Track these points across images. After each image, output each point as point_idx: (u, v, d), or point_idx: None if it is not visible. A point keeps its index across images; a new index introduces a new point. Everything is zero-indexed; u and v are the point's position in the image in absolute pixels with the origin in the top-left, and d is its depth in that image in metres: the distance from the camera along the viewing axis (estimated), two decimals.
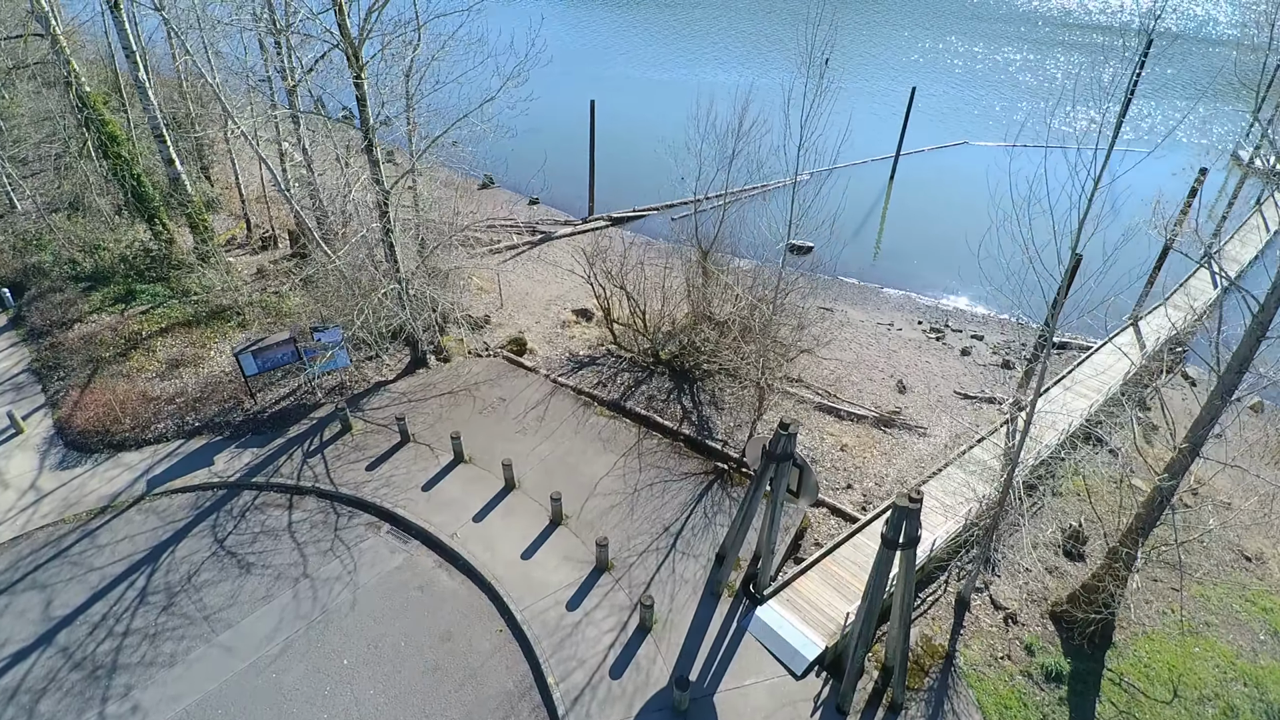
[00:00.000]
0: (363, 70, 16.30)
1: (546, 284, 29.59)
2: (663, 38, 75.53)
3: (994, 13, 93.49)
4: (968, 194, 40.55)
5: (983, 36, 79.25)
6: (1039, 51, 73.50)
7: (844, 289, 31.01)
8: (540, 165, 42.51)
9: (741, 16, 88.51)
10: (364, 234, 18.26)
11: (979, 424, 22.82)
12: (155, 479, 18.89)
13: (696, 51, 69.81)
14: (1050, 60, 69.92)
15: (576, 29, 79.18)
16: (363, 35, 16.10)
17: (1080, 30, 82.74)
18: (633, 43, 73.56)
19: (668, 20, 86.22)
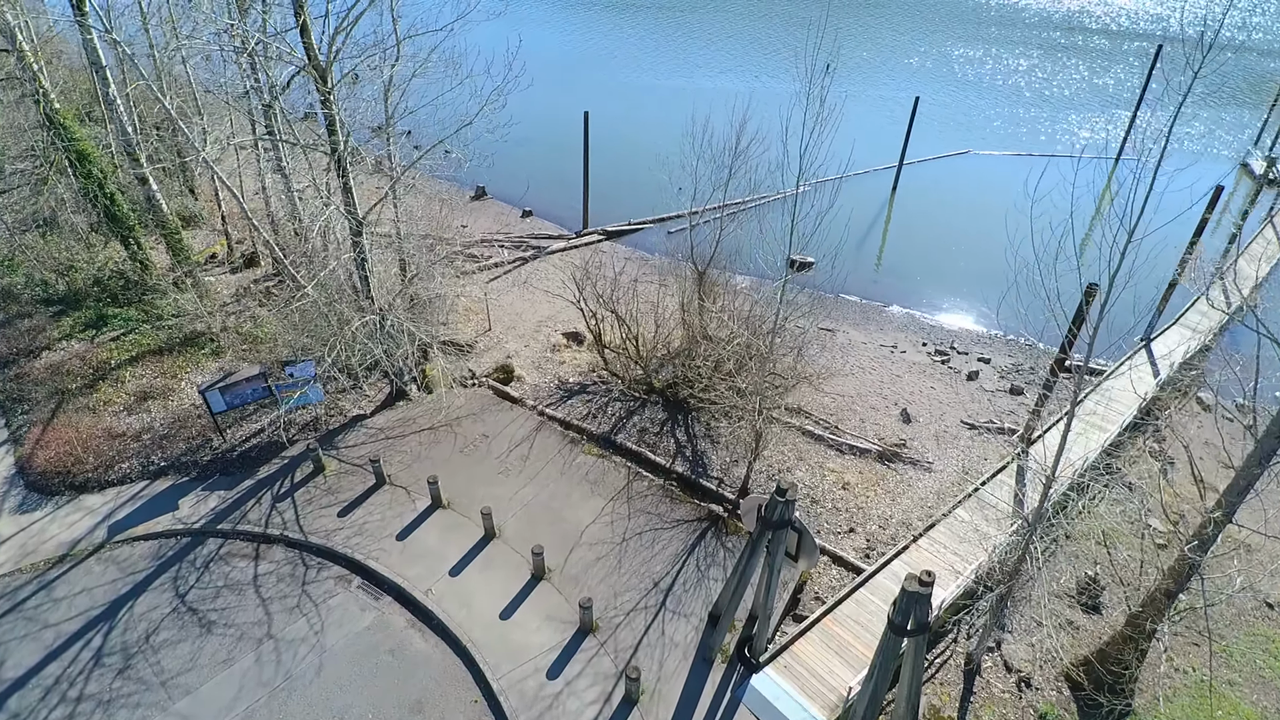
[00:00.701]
0: (331, 93, 15.24)
1: (537, 303, 28.52)
2: (660, 43, 74.42)
3: (995, 18, 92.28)
4: (971, 206, 39.51)
5: (983, 41, 78.07)
6: (1042, 57, 72.31)
7: (845, 308, 29.93)
8: (533, 176, 41.55)
9: (740, 21, 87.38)
10: (333, 266, 17.16)
11: (987, 456, 21.75)
12: (117, 524, 17.86)
13: (694, 57, 68.68)
14: (1054, 67, 68.76)
15: (572, 34, 78.14)
16: (330, 57, 15.04)
17: (1084, 34, 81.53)
18: (630, 48, 72.45)
19: (665, 26, 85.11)
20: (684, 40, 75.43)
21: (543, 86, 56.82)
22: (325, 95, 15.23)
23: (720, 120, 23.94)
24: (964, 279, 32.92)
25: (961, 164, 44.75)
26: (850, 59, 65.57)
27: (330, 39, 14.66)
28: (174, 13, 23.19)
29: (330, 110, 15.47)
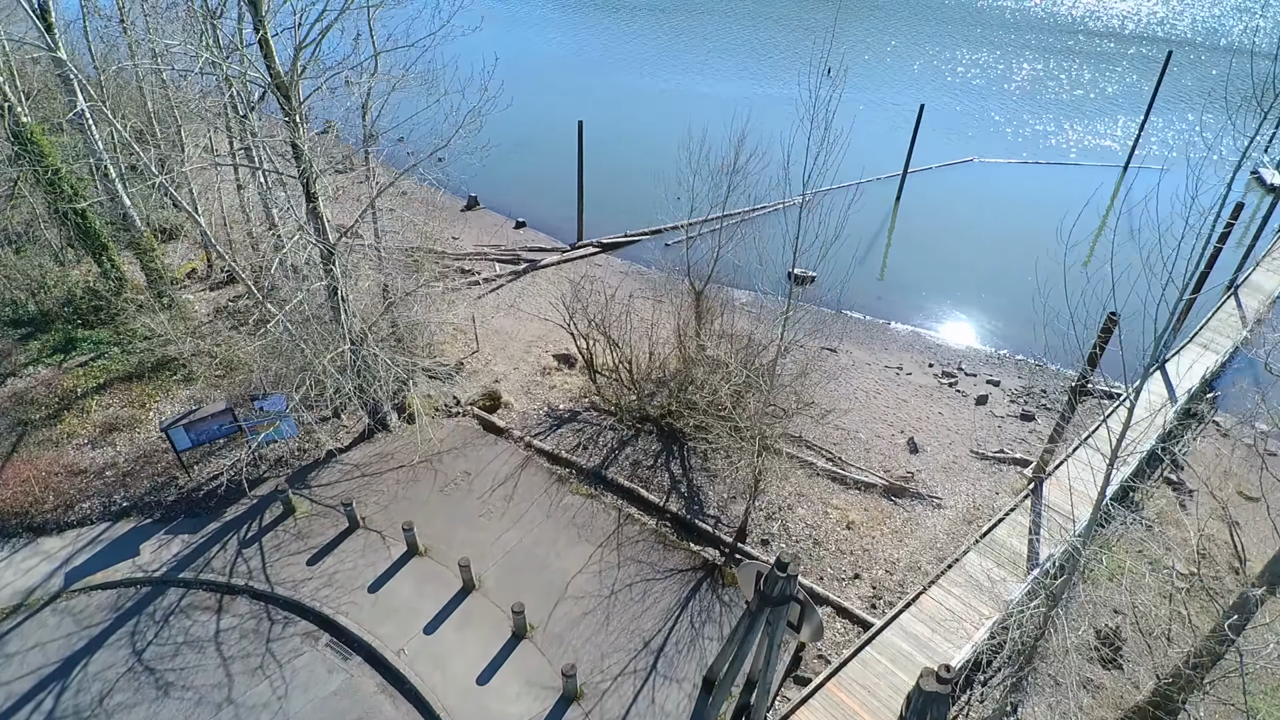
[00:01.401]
0: (295, 113, 14.11)
1: (528, 322, 27.39)
2: (658, 47, 73.25)
3: (997, 20, 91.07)
4: (976, 216, 38.34)
5: (985, 45, 76.90)
6: (1046, 62, 71.15)
7: (848, 325, 28.78)
8: (527, 185, 40.43)
9: (740, 25, 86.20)
10: (300, 299, 16.05)
11: (998, 490, 20.65)
12: (75, 571, 16.77)
13: (693, 61, 67.52)
14: (1058, 72, 67.57)
15: (569, 37, 76.95)
16: (295, 74, 13.91)
17: (1089, 37, 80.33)
18: (627, 52, 71.28)
19: (663, 29, 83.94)
20: (683, 44, 74.29)
21: (538, 91, 55.71)
22: (290, 115, 14.11)
23: (718, 132, 22.93)
24: (970, 294, 31.81)
25: (965, 172, 43.60)
26: (852, 63, 64.41)
27: (294, 56, 13.55)
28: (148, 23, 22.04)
29: (296, 131, 14.35)
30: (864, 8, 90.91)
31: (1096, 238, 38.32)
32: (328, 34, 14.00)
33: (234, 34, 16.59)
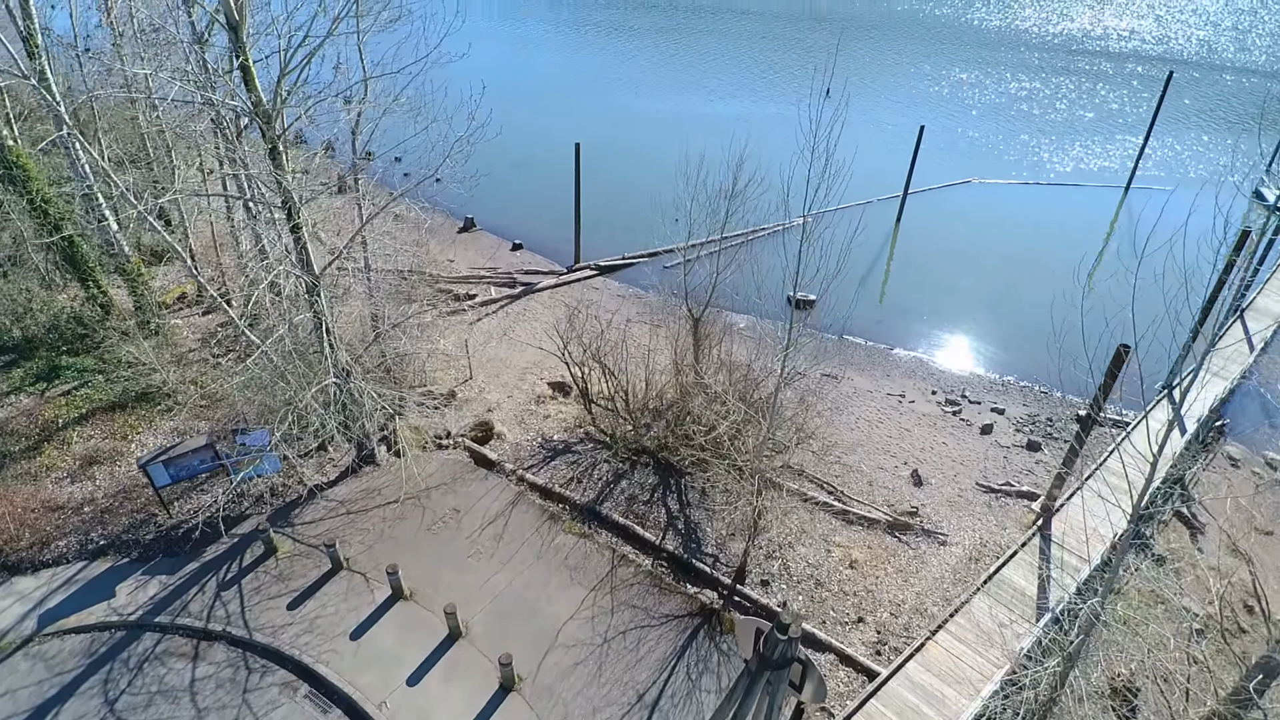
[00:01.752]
0: (279, 142, 13.65)
1: (523, 348, 26.86)
2: (657, 66, 73.26)
3: (996, 41, 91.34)
4: (976, 238, 37.92)
5: (983, 64, 76.99)
6: (1044, 82, 71.13)
7: (849, 351, 28.25)
8: (525, 206, 40.07)
9: (739, 45, 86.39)
10: (281, 334, 15.51)
11: (1005, 525, 20.02)
12: (48, 614, 16.12)
13: (692, 81, 67.47)
14: (1056, 91, 67.51)
15: (567, 57, 77.10)
16: (278, 101, 13.46)
17: (1087, 58, 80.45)
18: (626, 71, 71.31)
19: (662, 49, 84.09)
20: (681, 64, 74.33)
21: (536, 112, 55.56)
22: (272, 144, 13.65)
23: (716, 154, 22.61)
24: (972, 318, 31.32)
25: (965, 193, 43.27)
26: (851, 84, 64.36)
27: (276, 83, 13.11)
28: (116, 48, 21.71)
29: (278, 160, 13.88)
30: (862, 29, 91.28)
31: (1098, 261, 37.96)
32: (312, 59, 13.56)
33: (218, 59, 16.22)
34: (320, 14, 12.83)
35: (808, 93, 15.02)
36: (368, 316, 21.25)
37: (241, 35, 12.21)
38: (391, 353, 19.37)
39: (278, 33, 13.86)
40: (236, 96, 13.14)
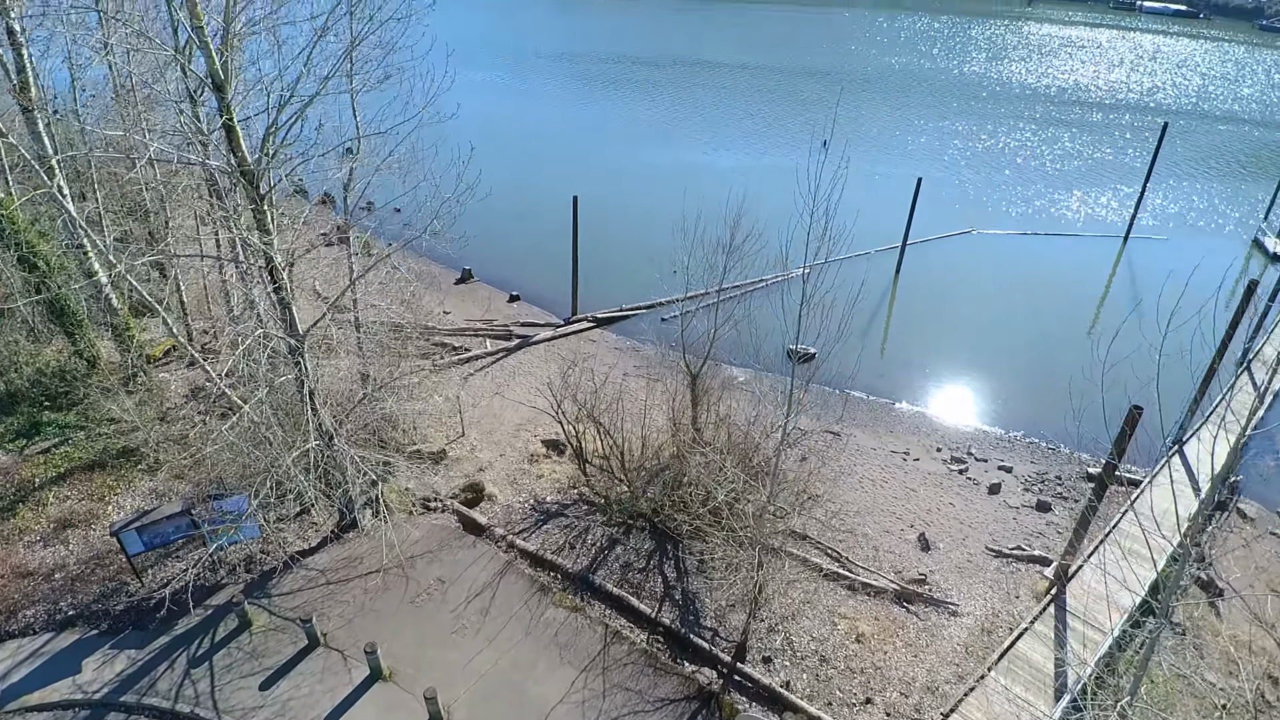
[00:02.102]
0: (262, 202, 13.29)
1: (517, 404, 26.24)
2: (655, 118, 74.24)
3: (990, 94, 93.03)
4: (976, 289, 37.64)
5: (978, 116, 78.14)
6: (1038, 132, 72.03)
7: (851, 406, 27.58)
8: (523, 257, 39.91)
9: (738, 98, 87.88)
10: (261, 395, 14.95)
11: (1018, 594, 19.15)
12: (11, 690, 15.21)
13: (691, 133, 68.27)
14: (1051, 142, 68.27)
15: (566, 109, 78.19)
16: (265, 161, 13.14)
17: (1083, 109, 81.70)
18: (625, 123, 72.23)
19: (660, 101, 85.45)
20: (680, 116, 75.35)
21: (535, 162, 55.96)
22: (257, 203, 13.29)
23: (714, 207, 22.41)
24: (975, 371, 30.80)
25: (965, 244, 43.19)
26: (848, 136, 65.05)
27: (262, 142, 12.80)
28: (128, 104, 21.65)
29: (265, 227, 13.51)
30: (858, 82, 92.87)
31: (1099, 311, 37.62)
32: (300, 118, 13.28)
33: (208, 118, 16.00)
34: (305, 75, 12.57)
35: (805, 145, 14.79)
36: (356, 373, 20.71)
37: (227, 95, 11.93)
38: (380, 414, 18.79)
39: (266, 90, 13.63)
40: (221, 156, 12.80)
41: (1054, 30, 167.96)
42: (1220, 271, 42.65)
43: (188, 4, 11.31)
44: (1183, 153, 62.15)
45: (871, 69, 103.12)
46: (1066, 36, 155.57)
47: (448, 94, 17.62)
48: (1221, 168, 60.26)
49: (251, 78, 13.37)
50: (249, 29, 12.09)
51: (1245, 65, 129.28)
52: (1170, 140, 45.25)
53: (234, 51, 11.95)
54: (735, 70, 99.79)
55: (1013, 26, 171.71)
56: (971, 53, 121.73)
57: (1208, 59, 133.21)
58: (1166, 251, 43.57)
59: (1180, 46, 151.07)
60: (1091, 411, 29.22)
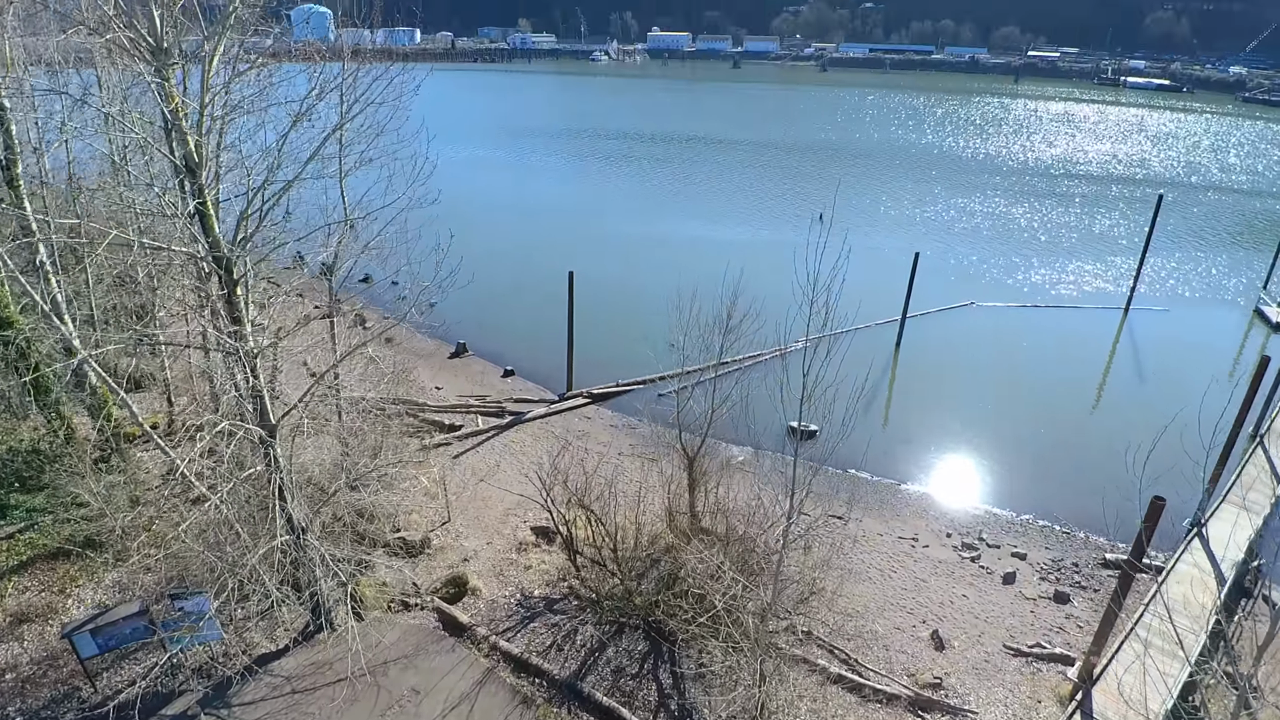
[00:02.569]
0: (236, 288, 12.69)
1: (508, 486, 25.20)
2: (653, 192, 75.28)
3: (982, 166, 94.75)
4: (979, 362, 37.03)
5: (974, 189, 79.30)
6: (1033, 204, 72.90)
7: (856, 487, 26.42)
8: (518, 329, 39.48)
9: (734, 173, 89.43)
10: (222, 495, 14.04)
11: (1040, 698, 17.76)
12: None
13: (688, 207, 69.06)
14: (1046, 213, 68.98)
15: (564, 183, 79.51)
16: (237, 247, 12.59)
17: (1073, 180, 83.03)
18: (622, 197, 73.23)
19: (659, 176, 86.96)
20: (677, 190, 76.42)
21: (533, 234, 56.33)
22: (230, 292, 12.69)
23: (711, 281, 22.08)
24: (982, 449, 29.84)
25: (965, 317, 42.80)
26: (845, 208, 65.79)
27: (235, 229, 12.29)
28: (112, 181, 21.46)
29: (235, 308, 12.89)
30: (853, 155, 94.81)
31: (1104, 381, 36.91)
32: (280, 200, 12.82)
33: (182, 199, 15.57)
34: (278, 164, 12.16)
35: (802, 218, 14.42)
36: (338, 457, 19.80)
37: (199, 176, 11.48)
38: (358, 504, 17.80)
39: (247, 170, 13.22)
40: (195, 242, 12.28)
41: (1042, 106, 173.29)
42: (1223, 342, 42.27)
43: (165, 87, 10.95)
44: (1177, 223, 62.61)
45: (866, 144, 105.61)
46: (1055, 111, 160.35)
47: (438, 173, 17.38)
48: (1216, 237, 60.59)
49: (231, 159, 12.97)
50: (227, 113, 11.71)
51: (1230, 136, 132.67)
52: (1164, 211, 45.42)
53: (210, 135, 11.53)
54: (730, 146, 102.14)
55: (1003, 103, 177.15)
56: (964, 128, 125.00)
57: (1195, 130, 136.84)
58: (1168, 323, 43.18)
59: (1166, 119, 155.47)
60: (1103, 488, 28.03)
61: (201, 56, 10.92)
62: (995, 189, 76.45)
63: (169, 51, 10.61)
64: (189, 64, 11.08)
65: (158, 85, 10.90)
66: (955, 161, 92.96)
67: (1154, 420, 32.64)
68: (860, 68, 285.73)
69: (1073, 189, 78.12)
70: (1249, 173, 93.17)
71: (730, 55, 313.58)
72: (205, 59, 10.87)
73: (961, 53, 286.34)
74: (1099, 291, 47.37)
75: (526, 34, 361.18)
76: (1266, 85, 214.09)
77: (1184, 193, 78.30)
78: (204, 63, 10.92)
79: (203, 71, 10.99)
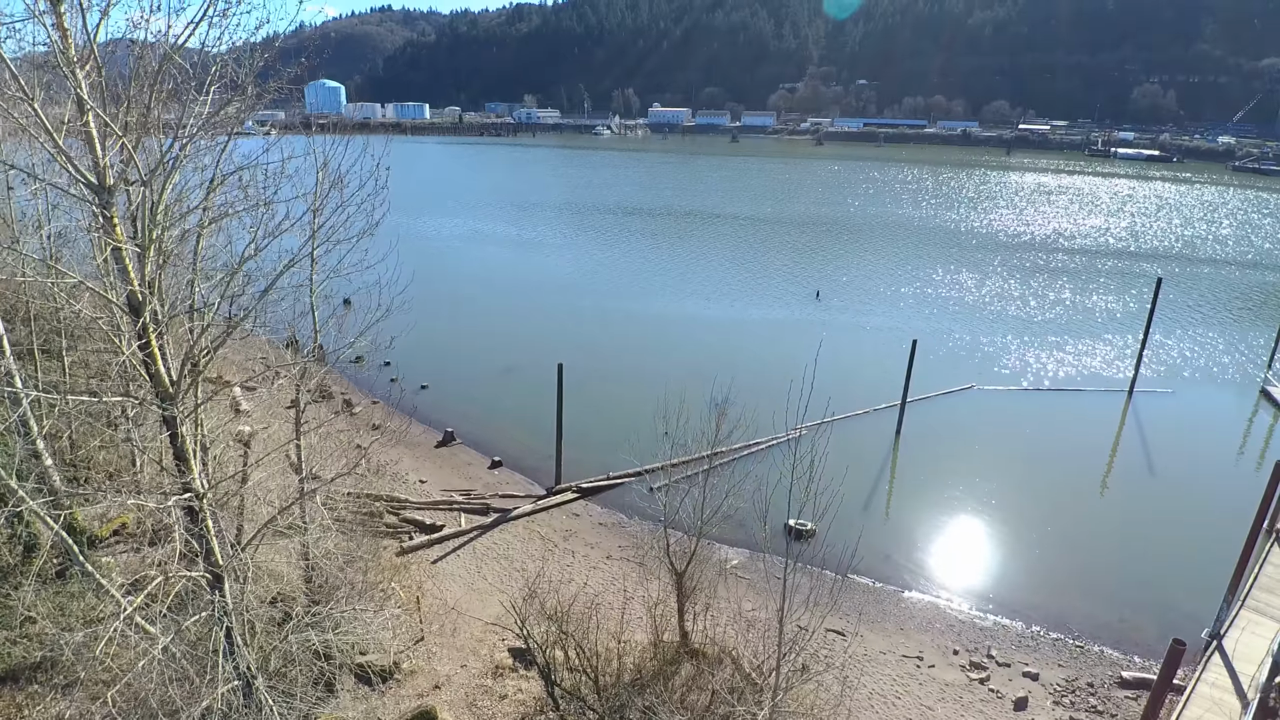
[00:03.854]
0: (180, 428, 11.91)
1: (488, 594, 23.94)
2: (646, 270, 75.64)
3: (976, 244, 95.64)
4: (982, 451, 35.99)
5: (967, 266, 79.70)
6: (1028, 283, 72.99)
7: (855, 594, 25.13)
8: (506, 417, 38.65)
9: (728, 248, 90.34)
10: (163, 647, 12.97)
11: None
12: None
13: (682, 284, 69.19)
14: (1046, 292, 68.93)
15: (556, 261, 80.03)
16: (184, 378, 11.87)
17: (1067, 255, 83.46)
18: (614, 274, 73.51)
19: (653, 252, 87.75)
20: (671, 266, 76.81)
21: (525, 312, 56.07)
22: (174, 430, 11.91)
23: (705, 362, 21.39)
24: (987, 550, 28.57)
25: (966, 401, 41.94)
26: (841, 286, 65.80)
27: (179, 371, 11.57)
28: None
29: (183, 455, 12.10)
30: (848, 229, 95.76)
31: (1108, 471, 35.71)
32: (226, 338, 12.18)
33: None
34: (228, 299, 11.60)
35: (799, 295, 13.77)
36: (299, 580, 18.71)
37: (143, 316, 10.86)
38: (321, 643, 16.62)
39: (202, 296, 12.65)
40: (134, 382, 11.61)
41: (1034, 178, 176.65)
42: (1230, 426, 41.13)
43: (105, 221, 10.42)
44: (1177, 297, 62.30)
45: (861, 218, 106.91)
46: (1047, 184, 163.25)
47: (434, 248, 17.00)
48: (1216, 314, 60.17)
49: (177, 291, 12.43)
50: (175, 244, 11.21)
51: (1223, 206, 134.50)
52: (1163, 286, 45.14)
53: (159, 267, 10.98)
54: (727, 220, 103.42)
55: (996, 176, 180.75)
56: (958, 203, 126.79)
57: (1187, 201, 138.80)
58: (1173, 406, 42.29)
59: (1158, 189, 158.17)
60: (1115, 593, 26.46)
61: (152, 184, 10.40)
62: (991, 265, 76.73)
63: (112, 189, 10.10)
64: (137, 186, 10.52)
65: (102, 217, 10.36)
66: (951, 236, 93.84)
67: (1165, 515, 31.69)
68: (855, 141, 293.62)
69: (1069, 264, 78.43)
70: (1244, 243, 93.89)
71: (728, 130, 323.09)
72: (154, 194, 10.35)
73: (954, 126, 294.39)
74: (1102, 374, 46.58)
75: (532, 109, 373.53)
76: (1256, 154, 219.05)
77: (1182, 265, 78.58)
78: (153, 194, 10.41)
79: (150, 202, 10.49)
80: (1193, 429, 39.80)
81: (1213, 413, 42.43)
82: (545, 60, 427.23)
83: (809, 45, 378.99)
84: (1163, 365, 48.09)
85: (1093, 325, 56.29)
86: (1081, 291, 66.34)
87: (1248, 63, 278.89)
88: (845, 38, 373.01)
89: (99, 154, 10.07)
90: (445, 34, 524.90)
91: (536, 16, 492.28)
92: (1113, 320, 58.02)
